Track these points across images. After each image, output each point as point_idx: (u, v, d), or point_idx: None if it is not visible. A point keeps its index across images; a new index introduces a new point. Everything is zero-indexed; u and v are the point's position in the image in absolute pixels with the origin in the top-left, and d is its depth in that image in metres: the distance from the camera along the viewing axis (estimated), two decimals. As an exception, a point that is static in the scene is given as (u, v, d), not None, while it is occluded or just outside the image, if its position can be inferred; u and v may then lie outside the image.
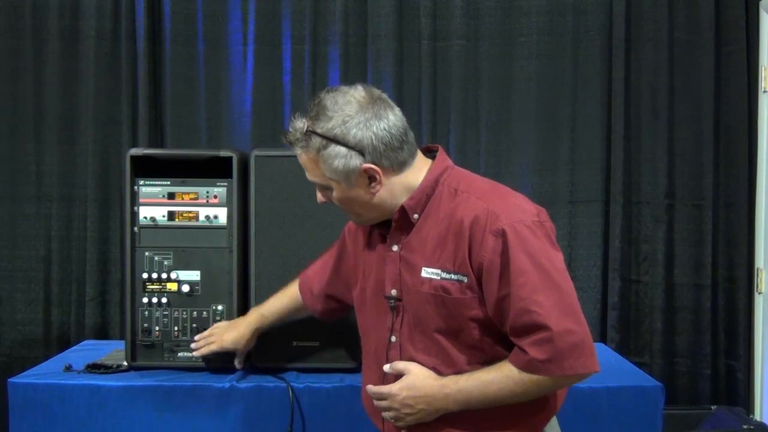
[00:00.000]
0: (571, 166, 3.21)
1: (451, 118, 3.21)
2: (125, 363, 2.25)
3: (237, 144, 3.12)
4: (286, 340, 2.24)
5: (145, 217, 2.24)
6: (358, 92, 1.50)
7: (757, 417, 3.13)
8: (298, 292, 2.02)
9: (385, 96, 1.53)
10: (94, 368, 2.23)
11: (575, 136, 3.21)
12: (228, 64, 3.22)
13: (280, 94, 3.21)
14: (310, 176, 1.55)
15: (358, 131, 1.46)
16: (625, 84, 3.17)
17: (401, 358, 1.56)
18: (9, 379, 2.16)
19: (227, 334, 2.08)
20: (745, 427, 2.67)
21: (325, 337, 2.25)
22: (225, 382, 2.15)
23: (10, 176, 3.18)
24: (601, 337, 3.17)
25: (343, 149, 1.46)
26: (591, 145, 3.20)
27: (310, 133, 1.47)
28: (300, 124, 1.49)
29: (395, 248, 1.57)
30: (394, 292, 1.56)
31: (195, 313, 2.25)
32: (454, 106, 3.20)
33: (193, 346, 2.11)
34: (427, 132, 3.17)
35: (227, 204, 2.24)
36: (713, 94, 3.18)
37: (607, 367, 2.41)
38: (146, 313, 2.24)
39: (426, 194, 1.53)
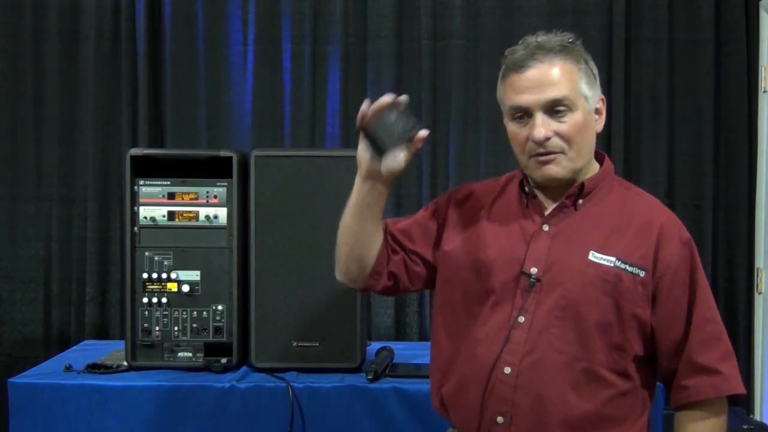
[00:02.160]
0: (571, 166, 3.20)
1: (451, 118, 3.20)
2: (125, 363, 2.25)
3: (237, 144, 3.12)
4: (286, 340, 2.24)
5: (145, 217, 2.24)
6: None
7: (757, 417, 3.13)
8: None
9: None
10: (94, 368, 2.24)
11: (575, 136, 3.21)
12: (228, 64, 3.22)
13: (280, 94, 3.21)
14: (558, 91, 1.45)
15: (594, 67, 1.56)
16: (625, 84, 3.17)
17: (528, 340, 1.43)
18: (9, 379, 2.17)
19: None
20: (745, 427, 2.67)
21: (325, 337, 2.25)
22: (225, 382, 2.15)
23: (10, 176, 3.18)
24: (601, 337, 3.17)
25: (594, 70, 1.54)
26: (591, 145, 3.20)
27: (574, 44, 1.50)
28: (558, 38, 1.49)
29: (546, 228, 1.49)
30: (534, 270, 1.46)
31: (195, 313, 2.26)
32: (454, 106, 3.20)
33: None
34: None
35: (227, 204, 2.25)
36: (713, 94, 3.18)
37: (607, 367, 2.42)
38: (146, 313, 2.24)
39: (600, 181, 1.52)
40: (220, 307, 2.25)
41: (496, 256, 1.50)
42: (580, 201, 1.49)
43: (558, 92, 1.45)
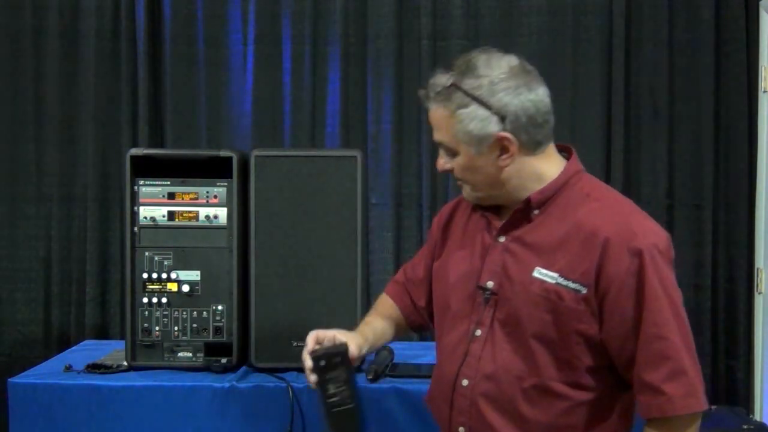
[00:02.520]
0: (571, 166, 3.20)
1: (451, 118, 3.20)
2: (125, 363, 2.25)
3: (237, 144, 3.12)
4: (286, 340, 2.24)
5: (145, 217, 2.24)
6: (512, 59, 1.42)
7: (757, 417, 3.13)
8: (394, 309, 1.76)
9: (536, 72, 1.44)
10: (94, 368, 2.23)
11: (575, 136, 3.21)
12: (228, 64, 3.22)
13: (280, 94, 3.21)
14: (439, 136, 1.44)
15: (505, 96, 1.37)
16: (625, 84, 3.17)
17: (483, 354, 1.45)
18: (9, 379, 2.16)
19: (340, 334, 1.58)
20: (745, 427, 2.67)
21: (325, 337, 2.24)
22: (225, 382, 2.15)
23: (10, 176, 3.18)
24: (601, 337, 3.17)
25: (484, 112, 1.37)
26: (591, 145, 3.20)
27: (454, 87, 1.39)
28: (443, 79, 1.41)
29: (502, 239, 1.47)
30: (490, 284, 1.46)
31: (195, 313, 2.25)
32: (454, 106, 3.19)
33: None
34: (427, 132, 3.16)
35: (227, 204, 2.24)
36: (713, 94, 3.18)
37: (607, 367, 2.42)
38: (146, 313, 2.24)
39: (555, 191, 1.44)
40: (220, 307, 2.25)
41: (458, 270, 1.53)
42: (536, 212, 1.45)
43: (438, 136, 1.45)
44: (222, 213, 2.25)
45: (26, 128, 3.18)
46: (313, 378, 1.45)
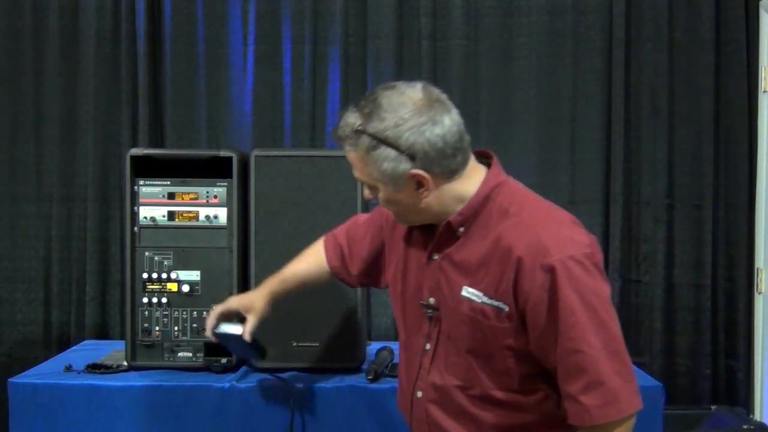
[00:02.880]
0: (571, 166, 3.21)
1: (451, 118, 3.20)
2: (125, 363, 2.25)
3: (237, 144, 3.12)
4: (286, 340, 2.24)
5: (145, 217, 2.24)
6: (416, 93, 1.42)
7: (757, 417, 3.13)
8: (324, 264, 1.89)
9: (444, 97, 1.44)
10: (94, 368, 2.24)
11: (575, 136, 3.21)
12: (228, 64, 3.22)
13: (280, 94, 3.21)
14: (357, 174, 1.48)
15: (410, 135, 1.38)
16: (625, 84, 3.17)
17: (432, 369, 1.53)
18: (9, 379, 2.17)
19: (234, 297, 1.96)
20: (745, 427, 2.67)
21: (325, 337, 2.25)
22: (225, 382, 2.15)
23: (10, 176, 3.18)
24: (601, 337, 3.17)
25: (393, 152, 1.39)
26: (591, 145, 3.20)
27: (360, 132, 1.41)
28: (352, 119, 1.42)
29: (436, 257, 1.51)
30: (432, 300, 1.52)
31: (195, 313, 2.26)
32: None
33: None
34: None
35: (227, 204, 2.25)
36: (713, 94, 3.18)
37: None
38: (146, 313, 2.24)
39: (475, 210, 1.46)
40: (220, 307, 2.25)
41: (408, 286, 1.58)
42: (461, 229, 1.48)
43: (356, 174, 1.49)
44: (222, 213, 2.25)
45: (26, 128, 3.18)
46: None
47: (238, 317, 1.89)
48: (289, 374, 2.21)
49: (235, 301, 1.92)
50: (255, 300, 1.91)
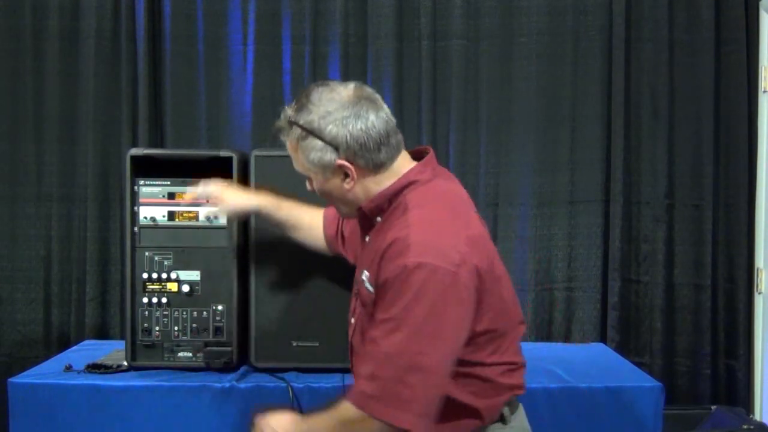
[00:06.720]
0: (571, 166, 3.21)
1: (451, 118, 3.20)
2: (125, 363, 2.25)
3: (237, 144, 3.12)
4: (286, 340, 2.24)
5: (145, 217, 2.24)
6: (346, 90, 1.53)
7: (757, 417, 3.13)
8: (321, 218, 2.01)
9: (375, 97, 1.55)
10: (94, 368, 2.24)
11: (575, 136, 3.21)
12: (228, 64, 3.22)
13: (280, 94, 3.21)
14: (294, 164, 1.60)
15: (333, 127, 1.49)
16: (625, 84, 3.17)
17: (353, 341, 1.67)
18: (9, 379, 2.17)
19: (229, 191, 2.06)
20: (745, 427, 2.67)
21: (325, 337, 2.25)
22: (225, 382, 2.15)
23: (10, 176, 3.18)
24: (601, 337, 3.17)
25: (319, 143, 1.51)
26: (591, 145, 3.20)
27: (291, 123, 1.54)
28: (287, 112, 1.56)
29: (367, 239, 1.64)
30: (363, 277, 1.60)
31: (195, 313, 2.25)
32: (454, 106, 3.20)
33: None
34: (427, 132, 3.17)
35: (227, 204, 2.24)
36: (713, 94, 3.18)
37: (607, 367, 2.42)
38: (146, 313, 2.24)
39: (387, 200, 1.55)
40: (220, 307, 2.25)
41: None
42: (378, 219, 1.58)
43: (294, 165, 1.61)
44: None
45: (26, 128, 3.18)
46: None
47: None
48: (289, 374, 2.21)
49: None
50: (241, 198, 2.05)
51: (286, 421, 1.58)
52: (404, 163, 1.57)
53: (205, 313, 2.25)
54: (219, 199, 2.04)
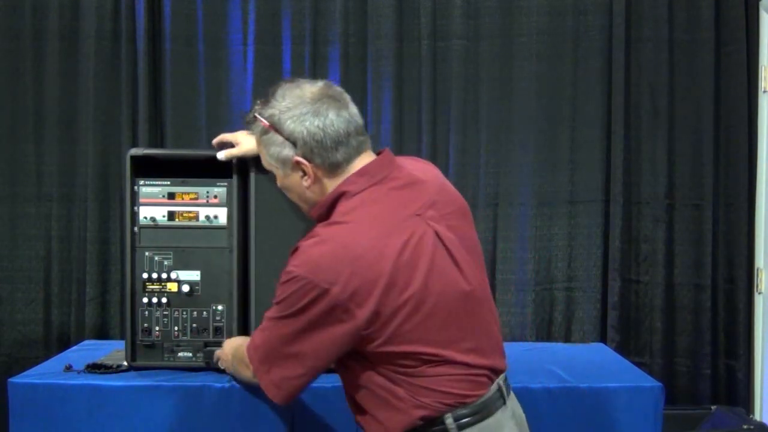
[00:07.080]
0: (571, 166, 3.21)
1: (451, 118, 3.20)
2: (125, 363, 2.25)
3: (237, 144, 3.12)
4: (286, 340, 2.24)
5: (145, 217, 2.23)
6: (312, 87, 1.54)
7: (757, 417, 3.13)
8: None
9: (343, 96, 1.57)
10: (94, 368, 2.23)
11: (575, 136, 3.21)
12: (228, 64, 3.22)
13: (280, 94, 3.21)
14: (262, 161, 1.63)
15: (291, 123, 1.51)
16: (625, 84, 3.17)
17: None
18: (9, 379, 2.16)
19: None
20: (745, 427, 2.67)
21: (325, 337, 2.24)
22: (225, 382, 2.14)
23: (10, 176, 3.18)
24: (601, 337, 3.17)
25: (279, 138, 1.52)
26: (591, 145, 3.20)
27: (255, 117, 1.57)
28: (255, 107, 1.59)
29: None
30: None
31: (195, 313, 2.25)
32: (454, 106, 3.20)
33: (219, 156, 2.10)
34: (427, 132, 3.17)
35: (227, 204, 2.24)
36: (713, 94, 3.18)
37: (607, 367, 2.42)
38: (146, 313, 2.24)
39: (326, 209, 1.55)
40: (220, 307, 2.25)
41: None
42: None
43: (262, 160, 1.63)
44: (222, 213, 2.25)
45: (26, 128, 3.18)
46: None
47: None
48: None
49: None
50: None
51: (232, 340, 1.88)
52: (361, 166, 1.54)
53: (205, 313, 2.25)
54: (236, 142, 2.08)
